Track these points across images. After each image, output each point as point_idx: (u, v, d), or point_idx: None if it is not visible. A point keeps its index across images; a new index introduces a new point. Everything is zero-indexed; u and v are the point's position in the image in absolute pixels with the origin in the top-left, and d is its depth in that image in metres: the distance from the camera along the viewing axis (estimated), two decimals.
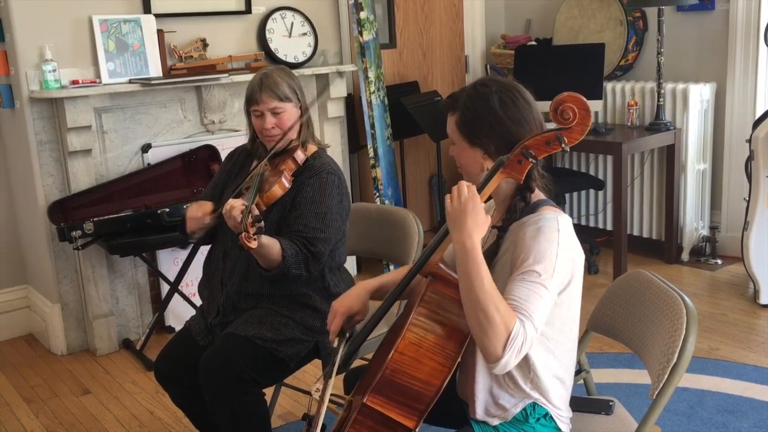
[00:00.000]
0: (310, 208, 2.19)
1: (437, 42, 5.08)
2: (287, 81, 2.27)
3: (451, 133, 1.72)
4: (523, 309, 1.48)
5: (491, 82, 1.69)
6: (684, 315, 1.64)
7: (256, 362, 2.15)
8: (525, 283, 1.51)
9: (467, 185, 1.53)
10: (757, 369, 3.09)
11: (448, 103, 1.72)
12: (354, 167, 4.71)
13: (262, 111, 2.24)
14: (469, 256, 1.48)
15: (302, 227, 2.17)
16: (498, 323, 1.44)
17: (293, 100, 2.27)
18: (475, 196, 1.51)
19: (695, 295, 3.86)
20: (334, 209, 2.23)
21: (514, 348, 1.45)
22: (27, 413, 3.16)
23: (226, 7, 3.96)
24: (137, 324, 3.83)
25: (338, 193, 2.25)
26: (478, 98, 1.66)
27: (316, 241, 2.17)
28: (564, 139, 1.54)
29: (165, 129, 3.80)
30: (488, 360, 1.48)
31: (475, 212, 1.50)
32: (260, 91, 2.23)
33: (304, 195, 2.21)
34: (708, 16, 4.25)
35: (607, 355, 3.27)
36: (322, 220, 2.19)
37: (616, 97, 4.52)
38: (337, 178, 2.27)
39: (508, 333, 1.44)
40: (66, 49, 3.53)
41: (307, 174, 2.25)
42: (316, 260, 2.18)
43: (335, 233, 2.23)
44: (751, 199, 3.73)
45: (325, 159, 2.32)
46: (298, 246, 2.15)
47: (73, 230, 3.36)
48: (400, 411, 1.53)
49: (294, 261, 2.12)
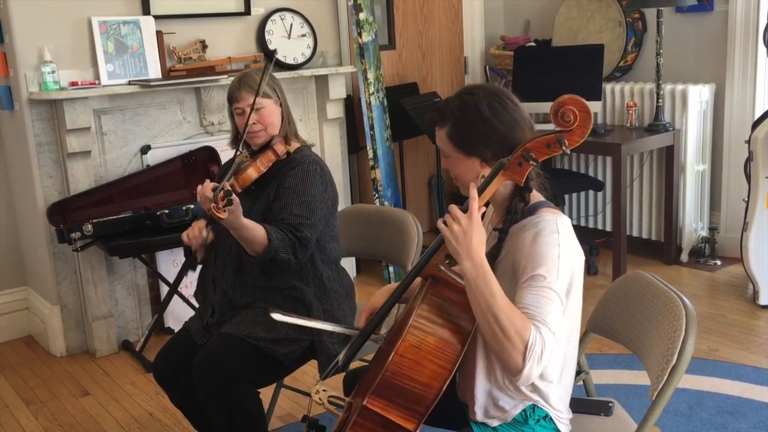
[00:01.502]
0: (294, 196, 2.23)
1: (436, 43, 5.08)
2: (266, 79, 2.32)
3: (442, 146, 1.70)
4: (537, 316, 1.48)
5: (476, 90, 1.68)
6: (683, 316, 1.64)
7: (250, 361, 2.16)
8: (533, 289, 1.51)
9: (457, 208, 1.52)
10: (756, 370, 3.09)
11: (434, 117, 1.70)
12: (353, 168, 4.71)
13: (242, 108, 2.29)
14: (479, 272, 1.48)
15: (287, 215, 2.21)
16: (513, 335, 1.44)
17: (272, 96, 2.32)
18: (474, 213, 1.50)
19: (694, 296, 3.86)
20: (318, 197, 2.26)
21: (534, 357, 1.45)
22: (26, 415, 3.16)
23: (226, 8, 3.96)
24: (136, 325, 3.83)
25: (321, 182, 2.29)
26: (466, 108, 1.65)
27: (301, 226, 2.20)
28: (565, 141, 1.54)
29: (164, 130, 3.80)
30: (511, 373, 1.48)
31: (478, 231, 1.49)
32: (239, 89, 2.29)
33: (287, 185, 2.25)
34: (707, 17, 4.26)
35: (606, 356, 3.27)
36: (307, 207, 2.22)
37: (615, 98, 4.52)
38: (320, 168, 2.31)
39: (524, 344, 1.44)
40: (65, 50, 3.53)
41: (290, 165, 2.29)
42: (303, 246, 2.20)
43: (321, 220, 2.26)
44: (750, 199, 3.73)
45: (307, 153, 2.36)
46: (284, 232, 2.18)
47: (73, 232, 3.37)
48: (400, 413, 1.53)
49: (281, 245, 2.15)
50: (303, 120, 4.24)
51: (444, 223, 1.54)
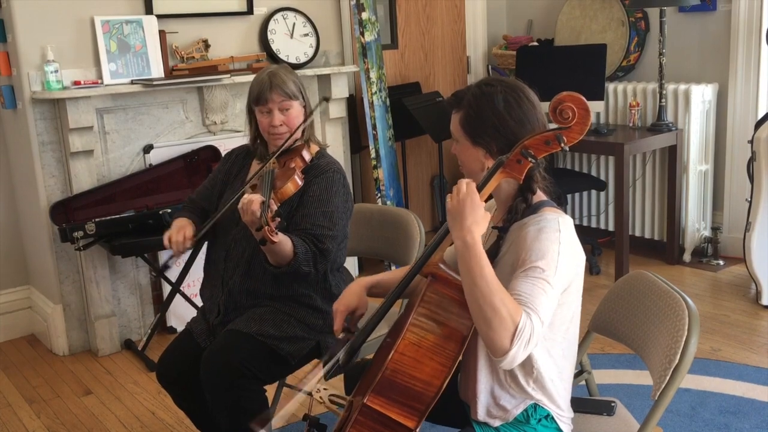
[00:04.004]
0: (318, 206, 2.22)
1: (439, 43, 5.08)
2: (293, 79, 2.30)
3: (454, 131, 1.72)
4: (529, 303, 1.48)
5: (496, 82, 1.69)
6: (686, 316, 1.64)
7: (257, 358, 2.16)
8: (528, 279, 1.51)
9: (466, 182, 1.53)
10: (758, 370, 3.09)
11: (452, 100, 1.72)
12: (356, 168, 4.71)
13: (270, 108, 2.25)
14: (470, 251, 1.48)
15: (310, 225, 2.19)
16: (504, 315, 1.43)
17: (299, 98, 2.30)
18: (474, 193, 1.51)
19: (697, 296, 3.85)
20: (341, 208, 2.25)
21: (522, 340, 1.44)
22: (29, 414, 3.16)
23: (228, 7, 3.97)
24: (139, 324, 3.83)
25: (344, 192, 2.28)
26: (482, 98, 1.66)
27: (324, 238, 2.19)
28: (563, 138, 1.54)
29: (167, 130, 3.80)
30: (495, 354, 1.46)
31: (473, 208, 1.50)
32: (270, 90, 2.24)
33: (311, 194, 2.23)
34: (710, 17, 4.25)
35: (608, 356, 3.27)
36: (330, 218, 2.21)
37: (618, 97, 4.52)
38: (342, 177, 2.30)
39: (515, 325, 1.43)
40: (68, 49, 3.53)
41: (314, 173, 2.26)
42: (324, 257, 2.20)
43: (341, 231, 2.25)
44: (753, 199, 3.72)
45: (329, 158, 2.35)
46: (308, 244, 2.17)
47: (75, 231, 3.37)
48: (401, 411, 1.53)
49: (304, 258, 2.14)
50: None
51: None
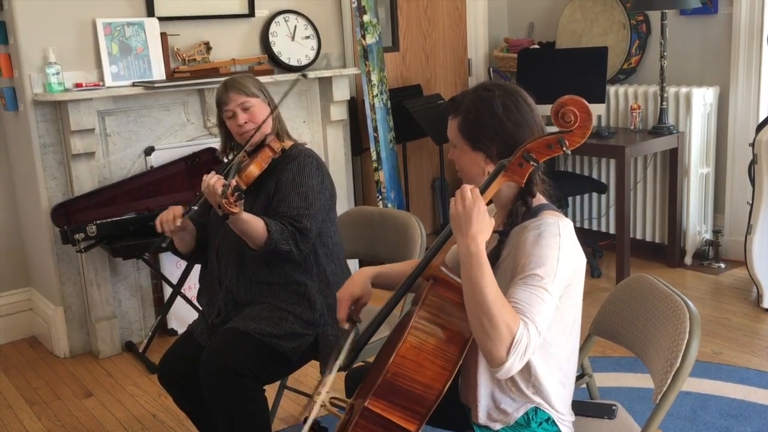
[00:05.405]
0: (292, 189, 2.28)
1: (440, 45, 5.08)
2: (251, 80, 2.40)
3: (452, 137, 1.72)
4: (527, 312, 1.48)
5: (494, 86, 1.69)
6: (687, 319, 1.64)
7: (256, 357, 2.17)
8: (527, 286, 1.51)
9: (471, 188, 1.52)
10: (760, 373, 3.09)
11: (450, 106, 1.72)
12: (357, 170, 4.71)
13: (232, 110, 2.34)
14: (474, 260, 1.47)
15: (286, 208, 2.25)
16: (502, 327, 1.43)
17: (260, 96, 2.37)
18: (480, 200, 1.50)
19: (698, 299, 3.85)
20: (316, 188, 2.30)
21: (518, 352, 1.44)
22: (29, 415, 3.16)
23: (230, 10, 3.97)
24: (140, 327, 3.83)
25: (318, 174, 2.33)
26: (480, 102, 1.66)
27: (300, 217, 2.24)
28: (565, 142, 1.54)
29: (168, 132, 3.81)
30: (492, 364, 1.47)
31: (479, 216, 1.49)
32: (226, 92, 2.35)
33: (284, 179, 2.30)
34: (711, 20, 4.25)
35: (609, 359, 3.26)
36: (305, 198, 2.27)
37: (619, 100, 4.52)
38: (315, 160, 2.35)
39: (512, 337, 1.43)
40: (70, 52, 3.54)
41: (286, 161, 2.34)
42: (304, 236, 2.24)
43: (320, 210, 2.30)
44: (754, 202, 3.72)
45: (302, 148, 2.41)
46: (284, 224, 2.22)
47: (76, 233, 3.38)
48: (402, 414, 1.53)
49: (280, 236, 2.18)
50: (306, 122, 4.24)
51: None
